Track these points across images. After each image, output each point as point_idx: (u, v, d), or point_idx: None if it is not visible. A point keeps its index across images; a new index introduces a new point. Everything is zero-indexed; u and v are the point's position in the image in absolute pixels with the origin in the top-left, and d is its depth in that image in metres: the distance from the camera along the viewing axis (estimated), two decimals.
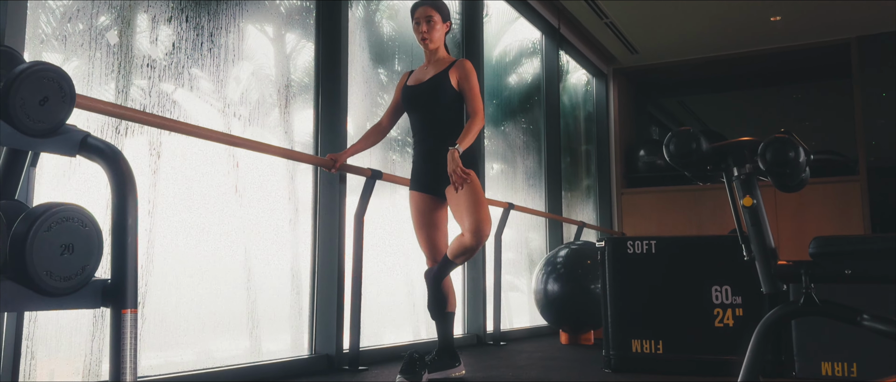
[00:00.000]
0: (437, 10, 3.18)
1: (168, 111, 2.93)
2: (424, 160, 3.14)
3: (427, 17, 3.15)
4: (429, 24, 3.15)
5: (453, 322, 3.16)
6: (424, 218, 3.16)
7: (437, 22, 3.17)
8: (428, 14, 3.16)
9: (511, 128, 6.23)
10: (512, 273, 5.87)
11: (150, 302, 2.75)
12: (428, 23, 3.15)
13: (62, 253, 1.36)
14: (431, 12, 3.16)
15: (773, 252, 1.93)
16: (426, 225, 3.16)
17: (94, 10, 2.67)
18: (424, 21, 3.16)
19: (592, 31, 7.24)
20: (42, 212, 1.35)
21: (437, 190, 3.11)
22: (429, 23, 3.15)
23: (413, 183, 3.19)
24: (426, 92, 3.13)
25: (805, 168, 1.96)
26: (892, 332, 1.71)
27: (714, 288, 3.28)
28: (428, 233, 3.17)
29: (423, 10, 3.17)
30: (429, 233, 3.17)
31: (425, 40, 3.16)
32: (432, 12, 3.16)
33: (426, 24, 3.15)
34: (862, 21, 7.01)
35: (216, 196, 3.14)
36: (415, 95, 3.17)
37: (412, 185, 3.19)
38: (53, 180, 2.45)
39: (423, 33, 3.16)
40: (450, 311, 3.16)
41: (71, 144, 1.49)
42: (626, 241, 3.46)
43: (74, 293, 1.40)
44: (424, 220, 3.16)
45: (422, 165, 3.15)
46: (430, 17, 3.15)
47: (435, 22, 3.16)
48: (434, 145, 3.10)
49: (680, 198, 7.88)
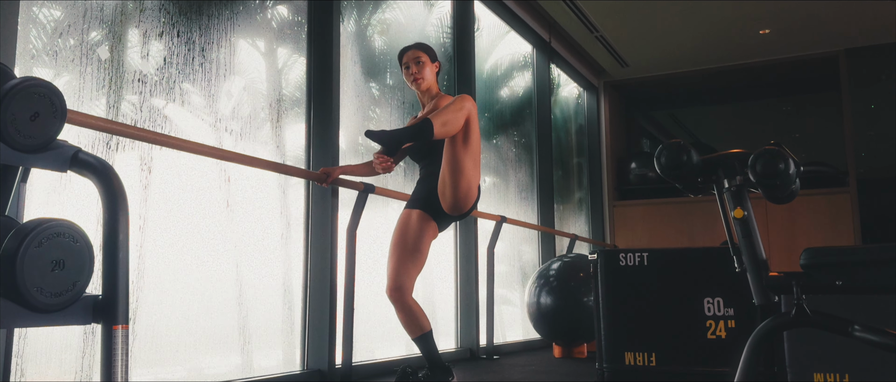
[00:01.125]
0: (424, 51, 3.19)
1: (159, 126, 2.93)
2: (416, 184, 3.17)
3: (415, 58, 3.17)
4: (417, 64, 3.15)
5: (433, 339, 3.03)
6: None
7: (426, 62, 3.17)
8: (416, 56, 3.17)
9: (503, 141, 6.24)
10: (505, 286, 5.87)
11: (141, 318, 2.74)
12: (416, 64, 3.16)
13: (53, 269, 1.36)
14: (419, 54, 3.18)
15: (765, 264, 1.94)
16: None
17: (85, 25, 2.67)
18: (413, 62, 3.16)
19: (583, 44, 7.28)
20: (33, 228, 1.34)
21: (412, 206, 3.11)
22: (417, 63, 3.16)
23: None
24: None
25: (795, 180, 1.97)
26: (884, 342, 1.71)
27: (706, 300, 3.29)
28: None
29: (411, 53, 3.19)
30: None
31: (416, 81, 3.16)
32: (419, 54, 3.18)
33: (415, 65, 3.16)
34: (850, 34, 7.08)
35: (207, 211, 3.13)
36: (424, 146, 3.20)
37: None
38: (44, 196, 2.44)
39: (414, 74, 3.16)
40: (424, 332, 3.00)
41: (62, 159, 1.49)
42: (619, 253, 3.46)
43: (65, 309, 1.39)
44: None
45: (415, 187, 3.17)
46: (418, 58, 3.16)
47: (423, 62, 3.16)
48: (424, 171, 3.15)
49: (671, 210, 7.90)
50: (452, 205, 2.95)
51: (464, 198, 2.93)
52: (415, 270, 2.96)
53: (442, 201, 2.96)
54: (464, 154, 2.87)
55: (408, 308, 2.95)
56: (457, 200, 2.92)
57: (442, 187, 2.94)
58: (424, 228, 2.98)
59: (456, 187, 2.90)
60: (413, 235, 2.96)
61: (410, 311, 2.95)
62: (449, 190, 2.91)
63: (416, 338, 2.98)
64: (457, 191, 2.90)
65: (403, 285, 2.93)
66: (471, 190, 2.94)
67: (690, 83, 8.52)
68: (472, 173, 2.92)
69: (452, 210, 2.97)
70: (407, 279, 2.93)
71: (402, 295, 2.93)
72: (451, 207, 2.96)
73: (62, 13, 2.63)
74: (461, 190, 2.91)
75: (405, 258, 2.94)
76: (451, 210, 2.97)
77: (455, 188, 2.90)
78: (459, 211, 2.99)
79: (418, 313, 2.97)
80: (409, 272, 2.94)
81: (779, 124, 8.73)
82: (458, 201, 2.93)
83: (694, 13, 6.49)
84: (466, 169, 2.89)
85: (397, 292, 2.93)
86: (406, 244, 2.96)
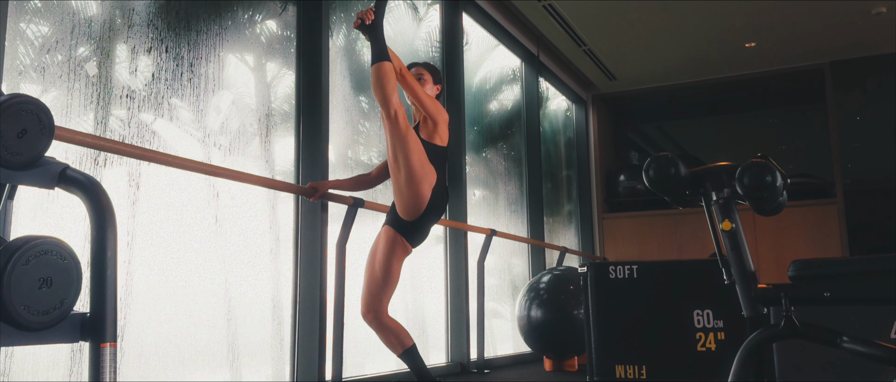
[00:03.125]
0: (428, 70, 3.21)
1: (147, 142, 2.92)
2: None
3: (419, 74, 3.18)
4: (419, 80, 3.15)
5: (418, 353, 3.02)
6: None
7: (428, 80, 3.18)
8: (419, 72, 3.19)
9: (492, 154, 6.25)
10: (495, 300, 5.86)
11: (129, 336, 2.72)
12: (419, 79, 3.15)
13: (40, 287, 1.34)
14: (423, 71, 3.20)
15: (753, 276, 1.95)
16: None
17: (73, 41, 2.67)
18: (415, 77, 3.16)
19: (571, 58, 7.32)
20: (20, 245, 1.33)
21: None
22: (420, 79, 3.16)
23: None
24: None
25: (782, 192, 1.99)
26: (872, 353, 1.72)
27: (696, 312, 3.30)
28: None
29: (416, 69, 3.21)
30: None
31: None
32: (423, 71, 3.20)
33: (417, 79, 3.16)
34: (835, 47, 7.15)
35: (196, 227, 3.12)
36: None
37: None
38: (31, 213, 2.43)
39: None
40: (407, 348, 2.99)
41: (49, 176, 1.48)
42: (608, 266, 3.47)
43: (52, 327, 1.38)
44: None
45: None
46: (421, 75, 3.18)
47: (426, 80, 3.17)
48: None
49: (660, 222, 7.93)
50: (403, 207, 2.93)
51: (413, 198, 2.90)
52: (387, 292, 2.97)
53: (397, 207, 2.96)
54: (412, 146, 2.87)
55: (386, 327, 2.95)
56: (406, 199, 2.90)
57: (393, 189, 2.95)
58: (392, 247, 2.98)
59: (405, 185, 2.89)
60: (381, 256, 2.97)
61: (388, 330, 2.95)
62: (396, 190, 2.93)
63: (401, 355, 2.98)
64: (406, 190, 2.89)
65: (376, 308, 2.94)
66: (420, 190, 2.91)
67: (678, 96, 8.57)
68: (420, 171, 2.90)
69: (406, 214, 2.94)
70: (379, 303, 2.95)
71: (377, 317, 2.94)
72: (399, 207, 2.94)
73: (50, 29, 2.63)
74: (410, 188, 2.89)
75: (375, 281, 2.96)
76: (404, 214, 2.95)
77: (404, 186, 2.89)
78: (415, 215, 2.94)
79: (397, 330, 2.97)
80: (381, 296, 2.95)
81: (765, 137, 8.79)
82: (407, 201, 2.90)
83: (680, 27, 6.54)
84: (414, 166, 2.88)
85: (370, 314, 2.96)
86: (375, 266, 2.98)
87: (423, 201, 2.92)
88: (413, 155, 2.87)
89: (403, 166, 2.87)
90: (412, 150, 2.87)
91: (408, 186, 2.89)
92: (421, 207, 2.92)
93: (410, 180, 2.88)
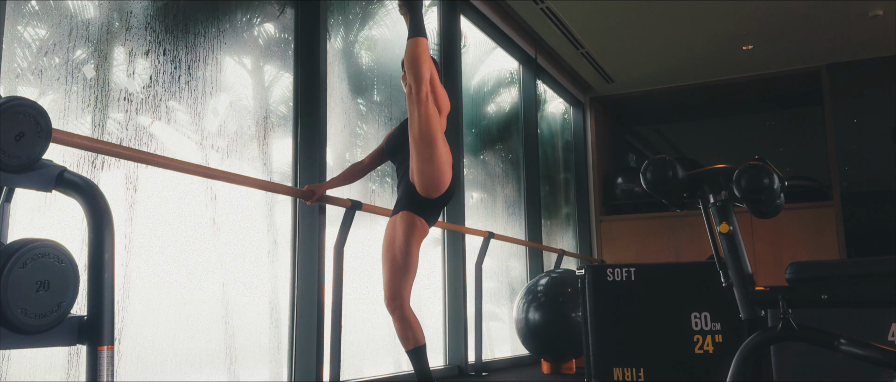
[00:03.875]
0: None
1: (145, 144, 2.91)
2: (400, 185, 3.15)
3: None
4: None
5: (425, 354, 3.01)
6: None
7: None
8: None
9: (490, 157, 6.25)
10: (493, 302, 5.86)
11: (127, 339, 2.71)
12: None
13: (37, 290, 1.34)
14: None
15: (751, 278, 1.95)
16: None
17: (70, 43, 2.67)
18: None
19: (569, 60, 7.32)
20: (17, 248, 1.33)
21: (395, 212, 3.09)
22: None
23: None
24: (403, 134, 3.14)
25: (780, 194, 1.99)
26: (869, 356, 1.72)
27: (693, 315, 3.30)
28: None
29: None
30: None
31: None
32: None
33: None
34: (831, 49, 7.16)
35: (194, 230, 3.11)
36: (394, 139, 3.22)
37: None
38: (28, 215, 2.42)
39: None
40: (418, 346, 2.98)
41: (47, 179, 1.48)
42: (606, 269, 3.47)
43: (50, 330, 1.38)
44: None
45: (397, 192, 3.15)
46: None
47: None
48: (401, 177, 3.13)
49: (658, 225, 7.93)
50: (420, 184, 2.91)
51: (438, 174, 2.90)
52: (408, 277, 2.95)
53: (417, 186, 2.93)
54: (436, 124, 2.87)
55: (406, 319, 2.94)
56: (422, 175, 2.88)
57: (413, 169, 2.92)
58: (410, 230, 2.95)
59: (429, 162, 2.87)
60: (401, 241, 2.94)
61: (408, 323, 2.94)
62: (419, 167, 2.88)
63: (410, 351, 2.97)
64: (429, 166, 2.87)
65: (399, 294, 2.92)
66: (444, 167, 2.91)
67: (675, 99, 8.59)
68: (443, 149, 2.90)
69: (428, 191, 2.92)
70: (402, 289, 2.93)
71: (401, 305, 2.92)
72: (421, 186, 2.91)
73: (47, 32, 2.63)
74: (434, 165, 2.87)
75: (396, 267, 2.93)
76: (426, 192, 2.92)
77: (427, 163, 2.87)
78: (438, 191, 2.94)
79: (416, 325, 2.96)
80: (404, 282, 2.93)
81: (763, 139, 8.81)
82: (432, 177, 2.89)
83: (678, 30, 6.55)
84: (438, 144, 2.87)
85: (395, 301, 2.92)
86: (394, 252, 2.94)
87: (447, 179, 2.94)
88: (438, 134, 2.88)
89: (430, 144, 2.85)
90: (438, 129, 2.88)
91: (431, 163, 2.87)
92: (444, 184, 2.93)
93: (436, 157, 2.87)
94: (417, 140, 2.86)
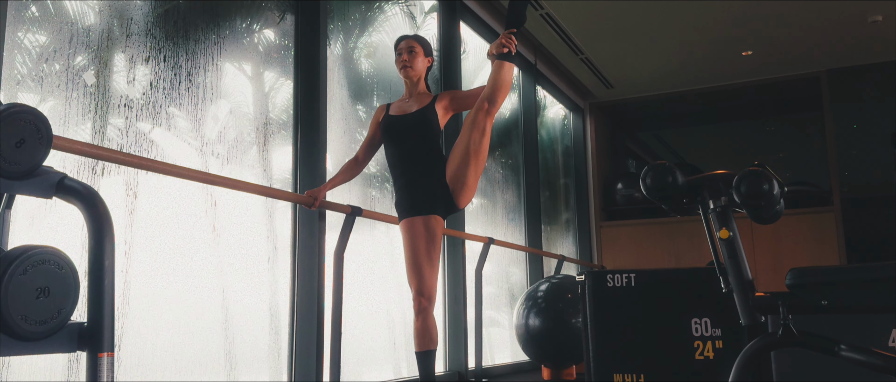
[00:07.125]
0: (419, 42, 3.28)
1: (145, 151, 2.92)
2: (409, 187, 3.12)
3: (409, 47, 3.25)
4: (410, 53, 3.23)
5: (434, 359, 3.04)
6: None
7: (419, 53, 3.25)
8: (410, 45, 3.26)
9: (490, 163, 6.25)
10: (493, 308, 5.85)
11: (127, 345, 2.71)
12: (410, 52, 3.23)
13: (38, 297, 1.34)
14: (413, 44, 3.26)
15: (751, 284, 1.95)
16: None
17: (71, 50, 2.67)
18: (406, 51, 3.24)
19: (568, 66, 7.33)
20: (17, 255, 1.33)
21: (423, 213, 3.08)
22: (410, 52, 3.24)
23: (400, 213, 3.16)
24: (413, 124, 3.14)
25: (779, 200, 1.99)
26: (870, 362, 1.72)
27: (693, 321, 3.30)
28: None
29: (406, 42, 3.27)
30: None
31: (406, 68, 3.22)
32: (414, 44, 3.26)
33: (408, 53, 3.23)
34: (831, 55, 7.17)
35: (194, 236, 3.11)
36: (399, 127, 3.18)
37: (400, 215, 3.16)
38: (29, 222, 2.42)
39: (405, 62, 3.22)
40: (430, 349, 3.01)
41: (47, 185, 1.48)
42: (606, 275, 3.47)
43: (50, 337, 1.38)
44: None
45: (406, 192, 3.12)
46: (412, 48, 3.25)
47: (417, 52, 3.24)
48: (420, 171, 3.11)
49: (658, 230, 7.93)
50: (463, 195, 3.08)
51: (475, 188, 3.11)
52: (436, 276, 3.06)
53: (457, 195, 3.07)
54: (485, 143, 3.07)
55: (432, 320, 3.04)
56: (468, 188, 3.07)
57: (456, 178, 3.05)
58: (439, 232, 3.07)
59: (477, 176, 3.07)
60: (436, 243, 3.04)
61: (429, 322, 3.03)
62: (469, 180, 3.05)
63: (424, 352, 3.03)
64: (476, 180, 3.07)
65: (431, 294, 3.02)
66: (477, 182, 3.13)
67: (675, 104, 8.60)
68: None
69: (465, 202, 3.10)
70: (433, 288, 3.03)
71: (431, 304, 3.02)
72: (462, 198, 3.09)
73: (48, 38, 2.63)
74: (477, 179, 3.08)
75: (433, 267, 3.03)
76: (463, 202, 3.10)
77: (476, 177, 3.06)
78: (469, 202, 3.14)
79: (434, 328, 3.05)
80: (434, 280, 3.04)
81: (762, 145, 8.82)
82: (468, 189, 3.07)
83: (678, 36, 6.56)
84: (484, 159, 3.08)
85: (428, 301, 3.02)
86: (433, 253, 3.03)
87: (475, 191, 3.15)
88: (485, 151, 3.07)
89: (483, 160, 3.07)
90: (487, 147, 3.08)
91: (477, 177, 3.09)
92: (473, 196, 3.13)
93: (479, 171, 3.08)
94: (476, 153, 3.04)
